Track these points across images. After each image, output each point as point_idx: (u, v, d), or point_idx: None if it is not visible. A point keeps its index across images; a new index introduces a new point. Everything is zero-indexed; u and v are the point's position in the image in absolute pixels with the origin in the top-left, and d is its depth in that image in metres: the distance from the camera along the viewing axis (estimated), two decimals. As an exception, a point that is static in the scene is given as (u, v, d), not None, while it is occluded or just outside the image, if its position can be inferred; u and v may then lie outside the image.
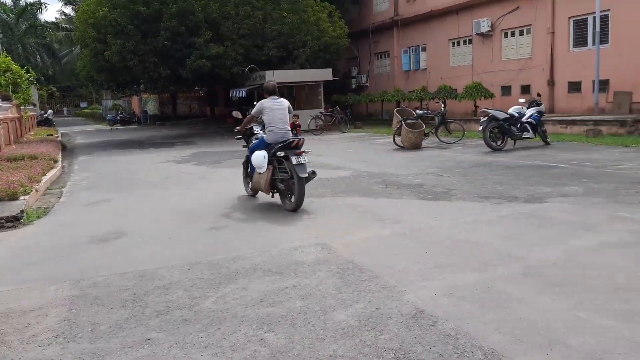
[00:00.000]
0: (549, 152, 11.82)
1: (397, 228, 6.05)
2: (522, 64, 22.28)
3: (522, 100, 13.50)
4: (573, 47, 20.20)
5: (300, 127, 11.40)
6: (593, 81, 18.41)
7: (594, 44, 18.49)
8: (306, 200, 7.58)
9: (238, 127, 8.63)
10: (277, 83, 22.70)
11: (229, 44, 22.34)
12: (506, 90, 23.24)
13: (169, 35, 21.34)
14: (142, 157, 16.06)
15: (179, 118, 41.72)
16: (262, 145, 7.50)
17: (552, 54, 20.84)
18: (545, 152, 11.99)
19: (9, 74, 20.69)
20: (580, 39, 19.93)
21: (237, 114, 9.03)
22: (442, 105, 15.22)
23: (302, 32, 23.79)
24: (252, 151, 7.66)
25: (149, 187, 10.18)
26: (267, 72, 22.05)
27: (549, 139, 13.33)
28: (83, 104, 62.63)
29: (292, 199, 7.13)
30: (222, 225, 6.69)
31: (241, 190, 8.76)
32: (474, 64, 24.92)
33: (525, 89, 22.15)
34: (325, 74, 23.42)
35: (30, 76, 22.38)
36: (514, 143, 13.10)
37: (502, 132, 12.67)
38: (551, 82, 20.94)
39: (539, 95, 13.55)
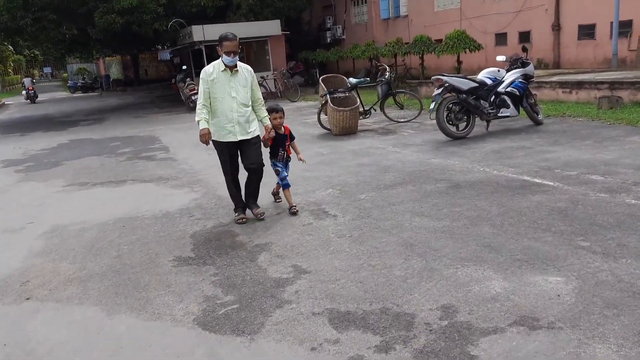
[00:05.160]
0: (536, 144, 7.39)
1: None
2: (521, 4, 17.37)
3: (500, 58, 8.92)
4: (586, -22, 15.24)
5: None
6: (611, 23, 13.61)
7: (613, -28, 13.60)
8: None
9: None
10: (209, 42, 18.19)
11: (146, -7, 17.66)
12: (501, 38, 18.44)
13: (65, -15, 16.75)
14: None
15: (144, 82, 37.30)
16: None
17: (558, -11, 15.93)
18: (531, 141, 7.56)
19: None
20: (595, -33, 14.94)
21: None
22: (387, 71, 10.62)
23: (242, -27, 18.97)
24: None
25: None
26: (193, 27, 17.45)
27: (540, 116, 8.82)
28: (47, 69, 57.96)
29: None
30: None
31: None
32: (462, 6, 19.99)
33: (525, 37, 17.35)
34: (271, 27, 18.69)
35: None
36: (487, 125, 8.65)
37: (467, 110, 8.21)
38: (556, 26, 16.12)
39: (524, 49, 8.92)
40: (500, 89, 8.36)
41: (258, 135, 5.12)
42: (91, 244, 4.89)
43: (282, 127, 5.27)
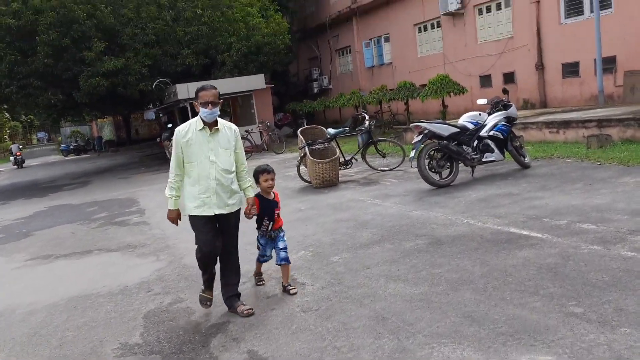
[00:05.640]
0: (524, 190, 7.00)
1: None
2: (503, 46, 17.45)
3: (481, 101, 8.67)
4: (565, 17, 15.34)
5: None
6: (594, 60, 13.53)
7: (592, 11, 13.65)
8: None
9: None
10: (193, 99, 18.24)
11: (131, 55, 17.75)
12: (486, 80, 18.42)
13: (49, 52, 16.78)
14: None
15: (135, 142, 37.37)
16: None
17: (538, 30, 16.02)
18: (518, 187, 7.17)
19: None
20: (574, 7, 15.04)
21: None
22: (367, 119, 10.37)
23: (225, 32, 19.12)
24: None
25: None
26: (177, 85, 17.42)
27: (527, 159, 8.47)
28: (40, 134, 58.20)
29: None
30: None
31: None
32: (445, 51, 20.13)
33: (509, 77, 17.33)
34: (256, 82, 18.69)
35: None
36: (472, 171, 8.29)
37: (450, 157, 7.87)
38: (540, 66, 16.09)
39: (505, 92, 8.67)
40: (483, 133, 8.06)
41: (238, 211, 4.25)
42: (34, 331, 4.41)
43: (272, 192, 4.48)
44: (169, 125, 18.94)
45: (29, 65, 17.17)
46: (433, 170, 7.84)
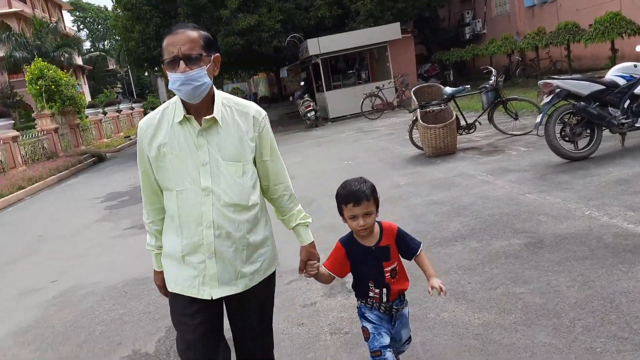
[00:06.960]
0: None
1: None
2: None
3: (641, 47, 6.69)
4: None
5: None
6: None
7: None
8: None
9: None
10: (325, 54, 17.53)
11: (264, 11, 17.72)
12: (677, 17, 14.80)
13: (189, 12, 17.47)
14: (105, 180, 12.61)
15: (287, 97, 38.38)
16: None
17: None
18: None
19: (41, 81, 19.08)
20: None
21: None
22: (493, 74, 8.76)
23: (360, -24, 18.04)
24: None
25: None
26: (308, 40, 16.94)
27: None
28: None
29: None
30: None
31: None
32: (622, -20, 16.58)
33: None
34: (390, 32, 17.34)
35: (70, 81, 20.36)
36: (622, 139, 6.50)
37: (589, 122, 6.21)
38: None
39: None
40: (638, 90, 6.19)
41: (269, 279, 2.21)
42: (76, 319, 4.34)
43: (380, 230, 2.35)
44: (302, 83, 18.76)
45: (172, 26, 18.06)
46: (567, 139, 6.29)
